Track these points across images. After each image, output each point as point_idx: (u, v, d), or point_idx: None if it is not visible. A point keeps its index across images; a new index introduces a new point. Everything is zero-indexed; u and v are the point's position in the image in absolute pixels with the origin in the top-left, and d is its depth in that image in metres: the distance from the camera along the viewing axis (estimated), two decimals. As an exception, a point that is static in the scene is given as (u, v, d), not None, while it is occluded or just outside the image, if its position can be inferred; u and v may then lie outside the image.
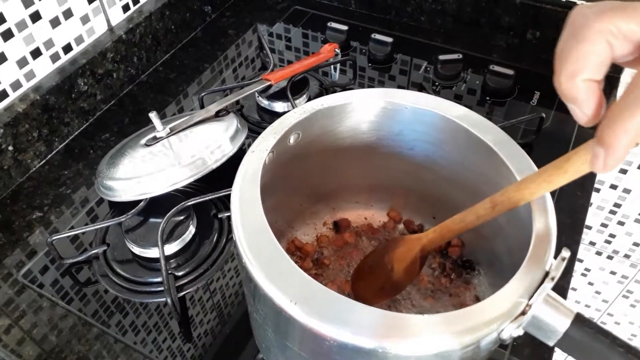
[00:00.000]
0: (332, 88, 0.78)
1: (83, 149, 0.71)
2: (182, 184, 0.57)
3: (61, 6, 0.67)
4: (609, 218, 1.02)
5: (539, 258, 0.35)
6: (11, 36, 0.63)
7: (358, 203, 0.57)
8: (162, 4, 0.81)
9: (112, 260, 0.58)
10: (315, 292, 0.33)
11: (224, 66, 0.84)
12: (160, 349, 0.52)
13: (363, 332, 0.31)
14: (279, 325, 0.36)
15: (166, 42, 0.84)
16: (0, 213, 0.64)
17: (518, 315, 0.33)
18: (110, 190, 0.58)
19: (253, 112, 0.75)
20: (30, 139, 0.67)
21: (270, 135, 0.43)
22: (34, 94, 0.67)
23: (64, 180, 0.68)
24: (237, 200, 0.38)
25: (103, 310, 0.55)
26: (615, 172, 0.96)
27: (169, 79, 0.82)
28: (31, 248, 0.60)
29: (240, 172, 0.41)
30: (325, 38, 0.86)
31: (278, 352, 0.41)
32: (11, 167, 0.65)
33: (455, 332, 0.32)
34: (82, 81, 0.72)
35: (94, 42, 0.74)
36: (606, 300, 1.19)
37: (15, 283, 0.57)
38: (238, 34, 0.89)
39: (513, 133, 0.46)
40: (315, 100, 0.47)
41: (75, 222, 0.63)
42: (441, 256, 0.53)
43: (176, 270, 0.57)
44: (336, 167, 0.53)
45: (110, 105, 0.77)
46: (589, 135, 0.31)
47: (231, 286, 0.57)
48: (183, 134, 0.62)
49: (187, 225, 0.58)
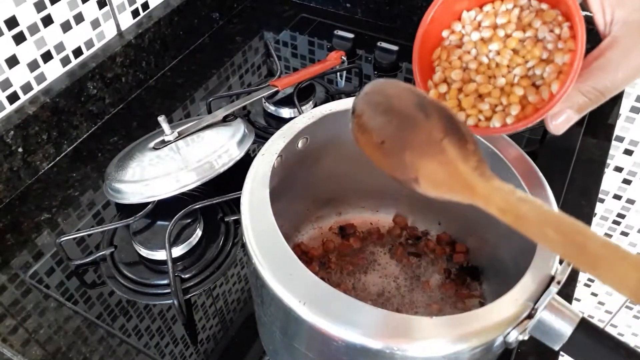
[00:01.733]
0: (338, 95, 0.79)
1: (91, 151, 0.72)
2: (189, 188, 0.57)
3: (72, 11, 0.68)
4: (613, 228, 1.03)
5: (545, 262, 0.36)
6: (23, 39, 0.64)
7: (364, 208, 0.58)
8: (171, 9, 0.82)
9: (119, 262, 0.58)
10: (324, 293, 0.34)
11: (231, 72, 0.85)
12: (165, 351, 0.52)
13: (371, 333, 0.32)
14: (287, 326, 0.37)
15: (174, 47, 0.85)
16: (9, 214, 0.64)
17: (524, 319, 0.34)
18: (118, 193, 0.59)
19: (260, 117, 0.75)
20: (39, 141, 0.67)
21: (279, 139, 0.44)
22: (44, 96, 0.67)
23: (72, 182, 0.68)
24: (247, 202, 0.39)
25: (109, 312, 0.55)
26: (619, 183, 0.96)
27: (176, 84, 0.82)
28: (38, 249, 0.61)
29: (250, 174, 0.41)
30: (332, 46, 0.86)
31: (285, 354, 0.42)
32: (20, 169, 0.66)
33: (463, 335, 0.32)
34: (92, 85, 0.72)
35: (104, 46, 0.75)
36: (609, 311, 1.19)
37: (22, 284, 0.57)
38: (245, 41, 0.90)
39: (517, 141, 0.46)
40: (324, 105, 0.47)
41: (82, 225, 0.63)
42: (446, 262, 0.54)
43: (182, 272, 0.57)
44: (342, 172, 0.53)
45: (118, 109, 0.78)
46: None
47: (236, 290, 0.57)
48: (190, 138, 0.63)
49: (194, 229, 0.59)
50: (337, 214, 0.58)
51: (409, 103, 0.34)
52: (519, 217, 0.29)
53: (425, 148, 0.33)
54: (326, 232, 0.57)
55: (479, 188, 0.31)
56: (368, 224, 0.57)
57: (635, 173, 0.94)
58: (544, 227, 0.28)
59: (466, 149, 0.32)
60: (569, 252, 0.27)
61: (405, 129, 0.34)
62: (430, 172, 0.32)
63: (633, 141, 0.90)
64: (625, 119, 0.88)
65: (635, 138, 0.89)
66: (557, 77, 0.35)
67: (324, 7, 0.96)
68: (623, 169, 0.95)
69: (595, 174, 0.68)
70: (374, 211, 0.58)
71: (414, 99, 0.34)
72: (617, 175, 0.96)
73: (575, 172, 0.67)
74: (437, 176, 0.32)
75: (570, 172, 0.67)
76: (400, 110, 0.34)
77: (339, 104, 0.48)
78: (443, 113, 0.33)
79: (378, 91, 0.36)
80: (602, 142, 0.71)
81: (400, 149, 0.34)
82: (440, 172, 0.32)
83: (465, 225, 0.53)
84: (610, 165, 0.95)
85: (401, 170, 0.33)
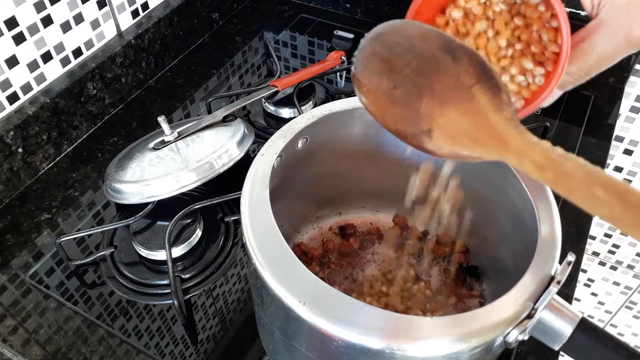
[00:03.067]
0: (338, 95, 0.79)
1: (91, 152, 0.72)
2: (189, 188, 0.57)
3: (72, 11, 0.68)
4: (613, 228, 1.02)
5: (545, 262, 0.36)
6: (23, 40, 0.64)
7: (364, 208, 0.58)
8: (171, 10, 0.82)
9: (119, 262, 0.58)
10: (324, 292, 0.34)
11: (231, 72, 0.85)
12: (165, 351, 0.52)
13: (371, 333, 0.32)
14: (287, 326, 0.37)
15: (174, 47, 0.85)
16: (9, 214, 0.64)
17: (524, 319, 0.34)
18: (118, 193, 0.59)
19: (260, 117, 0.75)
20: (39, 141, 0.67)
21: (279, 139, 0.44)
22: (44, 97, 0.67)
23: (72, 182, 0.68)
24: (246, 202, 0.39)
25: (109, 312, 0.55)
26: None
27: (176, 84, 0.82)
28: (38, 250, 0.61)
29: (250, 174, 0.41)
30: (332, 46, 0.87)
31: (285, 354, 0.42)
32: (20, 169, 0.66)
33: (463, 335, 0.32)
34: (91, 85, 0.73)
35: (104, 46, 0.75)
36: (609, 311, 1.19)
37: (22, 284, 0.57)
38: (245, 41, 0.90)
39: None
40: (324, 105, 0.47)
41: (82, 225, 0.63)
42: (446, 262, 0.54)
43: (182, 272, 0.57)
44: (342, 173, 0.53)
45: (118, 110, 0.78)
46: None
47: (236, 290, 0.57)
48: (190, 138, 0.63)
49: (194, 229, 0.59)
50: (337, 214, 0.58)
51: (433, 45, 0.31)
52: (562, 174, 0.26)
53: (449, 95, 0.29)
54: (326, 232, 0.57)
55: (513, 141, 0.28)
56: (368, 224, 0.57)
57: (635, 173, 0.94)
58: (592, 186, 0.25)
59: (500, 98, 0.29)
60: (621, 215, 0.24)
61: (426, 73, 0.30)
62: (450, 121, 0.29)
63: (633, 141, 0.90)
64: (625, 119, 0.88)
65: (635, 138, 0.89)
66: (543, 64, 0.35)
67: (323, 7, 0.96)
68: (623, 169, 0.95)
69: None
70: (374, 211, 0.58)
71: (440, 40, 0.31)
72: (617, 175, 0.96)
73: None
74: (460, 126, 0.29)
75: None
76: (422, 51, 0.30)
77: (339, 104, 0.48)
78: (474, 58, 0.30)
79: (396, 31, 0.33)
80: (602, 142, 0.71)
81: (416, 95, 0.30)
82: (464, 122, 0.29)
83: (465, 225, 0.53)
84: (610, 165, 0.95)
85: (411, 121, 0.30)
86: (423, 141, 0.30)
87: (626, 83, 0.79)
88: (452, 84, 0.29)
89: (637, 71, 0.80)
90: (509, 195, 0.43)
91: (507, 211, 0.44)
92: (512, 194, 0.43)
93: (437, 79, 0.30)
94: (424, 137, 0.30)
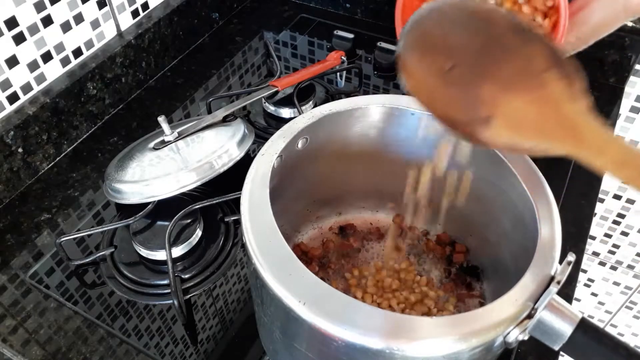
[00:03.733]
0: (338, 95, 0.79)
1: (91, 152, 0.72)
2: (189, 188, 0.57)
3: (72, 11, 0.68)
4: (613, 228, 1.02)
5: (545, 262, 0.36)
6: (23, 40, 0.64)
7: (364, 208, 0.58)
8: (171, 10, 0.82)
9: (119, 262, 0.58)
10: (324, 293, 0.34)
11: (231, 72, 0.85)
12: (165, 351, 0.52)
13: (371, 333, 0.32)
14: (287, 326, 0.37)
15: (174, 47, 0.85)
16: (9, 214, 0.64)
17: (524, 319, 0.34)
18: (118, 193, 0.59)
19: (260, 117, 0.75)
20: (39, 141, 0.67)
21: (279, 139, 0.44)
22: (44, 97, 0.67)
23: (72, 182, 0.68)
24: (246, 202, 0.39)
25: (109, 312, 0.55)
26: (619, 183, 0.96)
27: (176, 84, 0.82)
28: (38, 250, 0.61)
29: (250, 174, 0.41)
30: (332, 46, 0.86)
31: (285, 354, 0.42)
32: (20, 169, 0.66)
33: (463, 335, 0.32)
34: (92, 85, 0.72)
35: (104, 46, 0.75)
36: (609, 311, 1.19)
37: (22, 284, 0.57)
38: (245, 41, 0.90)
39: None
40: (324, 105, 0.47)
41: (82, 225, 0.63)
42: (446, 262, 0.54)
43: (182, 272, 0.57)
44: (342, 173, 0.53)
45: (118, 110, 0.78)
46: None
47: (236, 290, 0.57)
48: (190, 138, 0.63)
49: (194, 229, 0.59)
50: (337, 214, 0.58)
51: (501, 25, 0.28)
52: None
53: (516, 80, 0.27)
54: (326, 232, 0.57)
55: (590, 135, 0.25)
56: (368, 224, 0.57)
57: (635, 173, 0.94)
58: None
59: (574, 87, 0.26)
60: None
61: (491, 54, 0.27)
62: (515, 109, 0.26)
63: (633, 141, 0.90)
64: (625, 119, 0.88)
65: (635, 138, 0.89)
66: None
67: (323, 7, 0.96)
68: (623, 169, 0.95)
69: (595, 174, 0.68)
70: (374, 211, 0.58)
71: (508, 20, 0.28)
72: (617, 175, 0.95)
73: (575, 172, 0.67)
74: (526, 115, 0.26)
75: (570, 172, 0.67)
76: (487, 30, 0.28)
77: (339, 104, 0.48)
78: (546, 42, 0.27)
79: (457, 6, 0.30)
80: (602, 142, 0.70)
81: (477, 78, 0.27)
82: (532, 111, 0.26)
83: (465, 225, 0.53)
84: (610, 165, 0.95)
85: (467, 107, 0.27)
86: (477, 130, 0.27)
87: (626, 83, 0.79)
88: (521, 68, 0.27)
89: (637, 71, 0.80)
90: (509, 195, 0.43)
91: (507, 211, 0.44)
92: (512, 194, 0.43)
93: (504, 62, 0.27)
94: (479, 125, 0.27)
